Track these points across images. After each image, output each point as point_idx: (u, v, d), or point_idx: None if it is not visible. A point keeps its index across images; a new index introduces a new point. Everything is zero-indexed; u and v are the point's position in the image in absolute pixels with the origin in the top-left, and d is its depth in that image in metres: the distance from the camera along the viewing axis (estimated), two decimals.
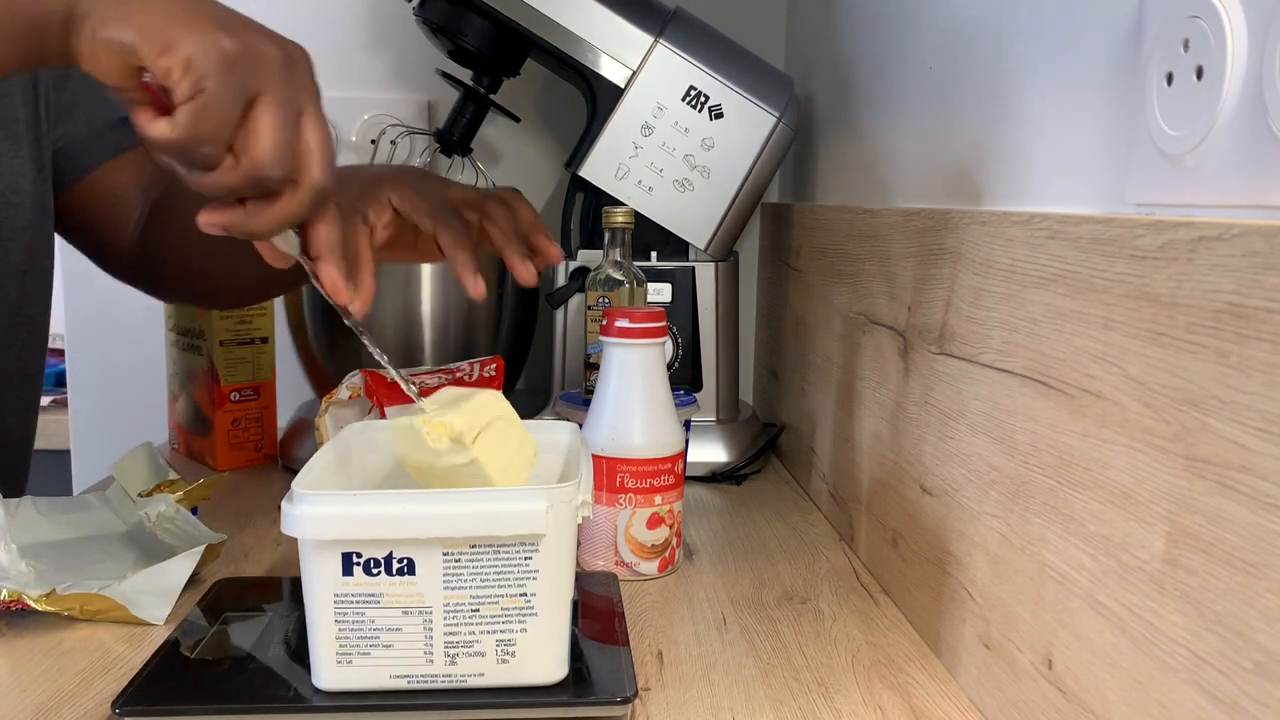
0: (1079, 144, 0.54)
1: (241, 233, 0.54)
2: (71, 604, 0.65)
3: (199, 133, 0.49)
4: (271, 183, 0.52)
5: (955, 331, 0.64)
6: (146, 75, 0.49)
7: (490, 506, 0.54)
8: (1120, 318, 0.45)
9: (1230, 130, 0.41)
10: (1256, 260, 0.36)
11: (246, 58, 0.50)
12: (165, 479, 0.83)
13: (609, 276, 0.92)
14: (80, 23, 0.50)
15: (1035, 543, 0.52)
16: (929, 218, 0.70)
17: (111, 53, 0.49)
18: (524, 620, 0.55)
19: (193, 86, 0.48)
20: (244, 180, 0.52)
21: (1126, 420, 0.44)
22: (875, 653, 0.66)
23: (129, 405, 1.33)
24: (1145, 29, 0.47)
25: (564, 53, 1.03)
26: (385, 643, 0.55)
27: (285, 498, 0.54)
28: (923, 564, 0.68)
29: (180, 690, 0.56)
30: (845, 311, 0.89)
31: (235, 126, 0.50)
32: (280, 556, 0.81)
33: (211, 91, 0.48)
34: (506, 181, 1.30)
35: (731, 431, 1.08)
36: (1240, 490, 0.37)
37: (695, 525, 0.91)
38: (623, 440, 0.76)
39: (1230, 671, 0.37)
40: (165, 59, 0.48)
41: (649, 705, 0.58)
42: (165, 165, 0.52)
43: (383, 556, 0.54)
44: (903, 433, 0.73)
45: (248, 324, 1.05)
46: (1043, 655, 0.51)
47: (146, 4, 0.49)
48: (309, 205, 0.54)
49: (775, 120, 1.04)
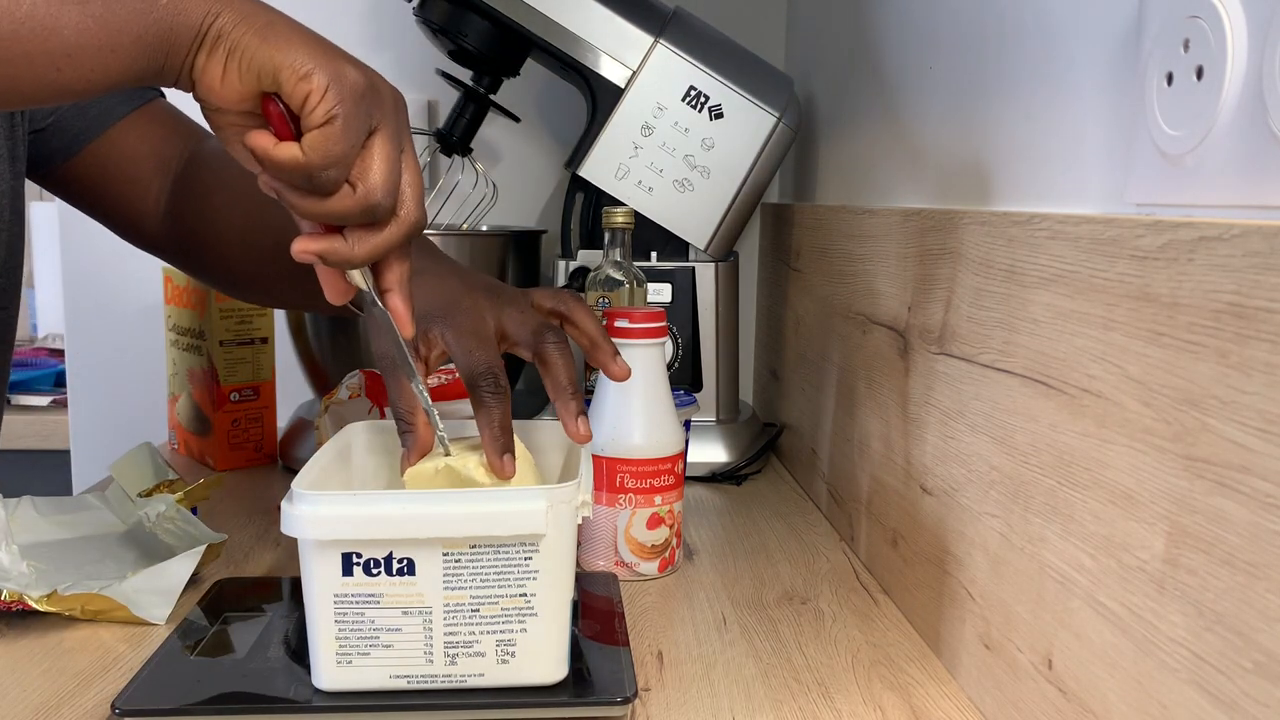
0: (1079, 144, 0.54)
1: (336, 260, 0.56)
2: (72, 604, 0.65)
3: (330, 156, 0.51)
4: (381, 211, 0.55)
5: (955, 331, 0.64)
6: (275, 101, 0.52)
7: (490, 507, 0.54)
8: (1120, 318, 0.45)
9: (1230, 130, 0.41)
10: (1256, 260, 0.36)
11: (371, 92, 0.53)
12: (165, 479, 0.83)
13: (609, 276, 0.92)
14: (215, 42, 0.51)
15: (1035, 543, 0.52)
16: (929, 218, 0.70)
17: (250, 74, 0.51)
18: (524, 620, 0.55)
19: (327, 113, 0.51)
20: (358, 207, 0.54)
21: (1126, 420, 0.44)
22: (875, 653, 0.66)
23: (129, 405, 1.33)
24: (1145, 29, 0.47)
25: (564, 53, 1.03)
26: (385, 643, 0.55)
27: (285, 498, 0.54)
28: (923, 564, 0.68)
29: (180, 690, 0.56)
30: (845, 311, 0.89)
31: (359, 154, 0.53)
32: (280, 556, 0.81)
33: (344, 118, 0.51)
34: (506, 181, 1.30)
35: (731, 431, 1.08)
36: (1240, 490, 0.37)
37: (695, 525, 0.91)
38: (623, 440, 0.76)
39: (1230, 671, 0.37)
40: (304, 84, 0.50)
41: (649, 705, 0.58)
42: (273, 189, 0.54)
43: (383, 557, 0.54)
44: (902, 433, 0.73)
45: (248, 324, 1.05)
46: (1043, 655, 0.51)
47: (291, 32, 0.52)
48: (405, 238, 0.57)
49: (775, 120, 1.04)
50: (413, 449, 0.63)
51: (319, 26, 0.54)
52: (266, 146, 0.52)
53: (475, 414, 0.65)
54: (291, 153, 0.52)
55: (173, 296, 1.09)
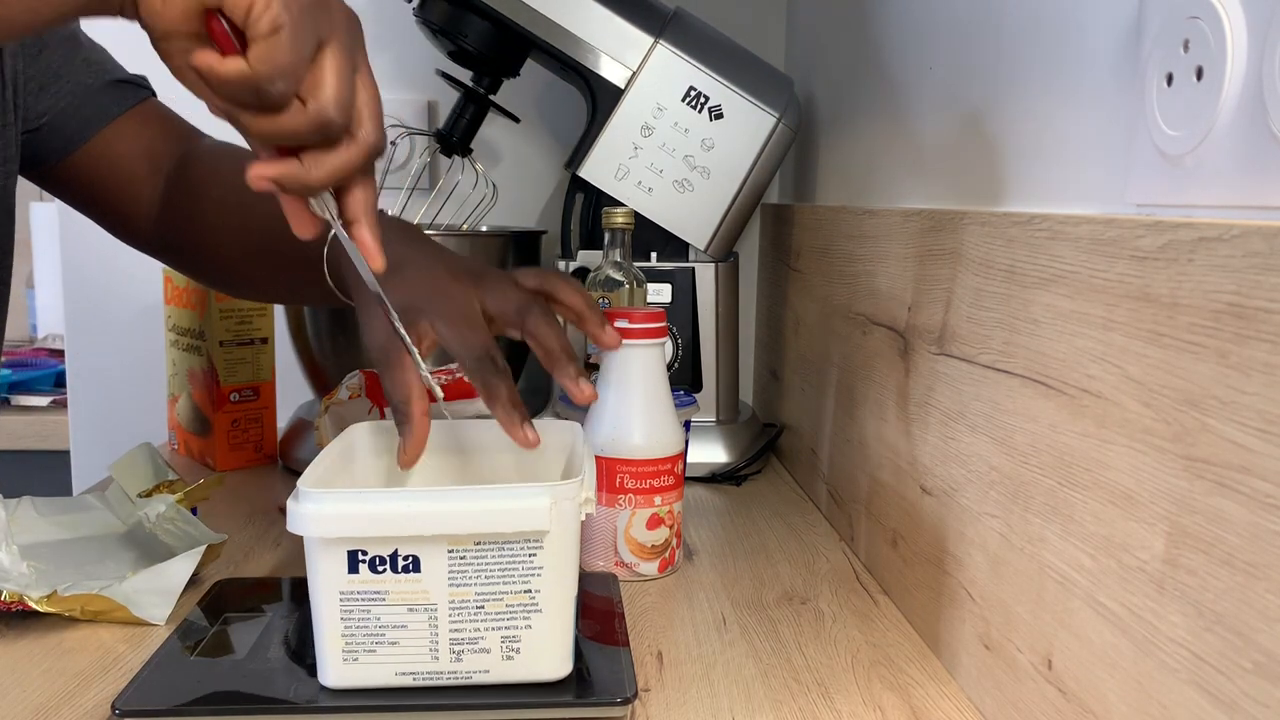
0: (1079, 144, 0.54)
1: (293, 185, 0.55)
2: (73, 605, 0.65)
3: (277, 67, 0.50)
4: (335, 129, 0.53)
5: (955, 332, 0.64)
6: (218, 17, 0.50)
7: (495, 504, 0.54)
8: (1120, 318, 0.45)
9: (1230, 130, 0.41)
10: (1256, 260, 0.36)
11: (319, 4, 0.52)
12: (165, 479, 0.83)
13: (609, 277, 0.92)
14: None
15: (1035, 543, 0.53)
16: (929, 218, 0.70)
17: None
18: (529, 616, 0.55)
19: (272, 22, 0.49)
20: (310, 123, 0.52)
21: (1126, 420, 0.44)
22: (875, 653, 0.66)
23: (129, 405, 1.33)
24: (1145, 29, 0.47)
25: (564, 53, 1.03)
26: (391, 640, 0.55)
27: (291, 496, 0.54)
28: (922, 564, 0.68)
29: (180, 690, 0.56)
30: (845, 311, 0.89)
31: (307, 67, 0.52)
32: (280, 557, 0.81)
33: (290, 27, 0.50)
34: (506, 181, 1.30)
35: (731, 432, 1.08)
36: (1240, 490, 0.37)
37: (695, 525, 0.91)
38: (623, 441, 0.76)
39: (1230, 671, 0.37)
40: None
41: (649, 705, 0.58)
42: (224, 110, 0.53)
43: (388, 554, 0.54)
44: (902, 433, 0.73)
45: (248, 324, 1.05)
46: (1043, 655, 0.51)
47: None
48: (364, 160, 0.55)
49: (775, 120, 1.04)
50: (409, 439, 0.63)
51: None
52: (211, 63, 0.50)
53: (482, 397, 0.65)
54: (237, 66, 0.50)
55: (173, 296, 1.09)
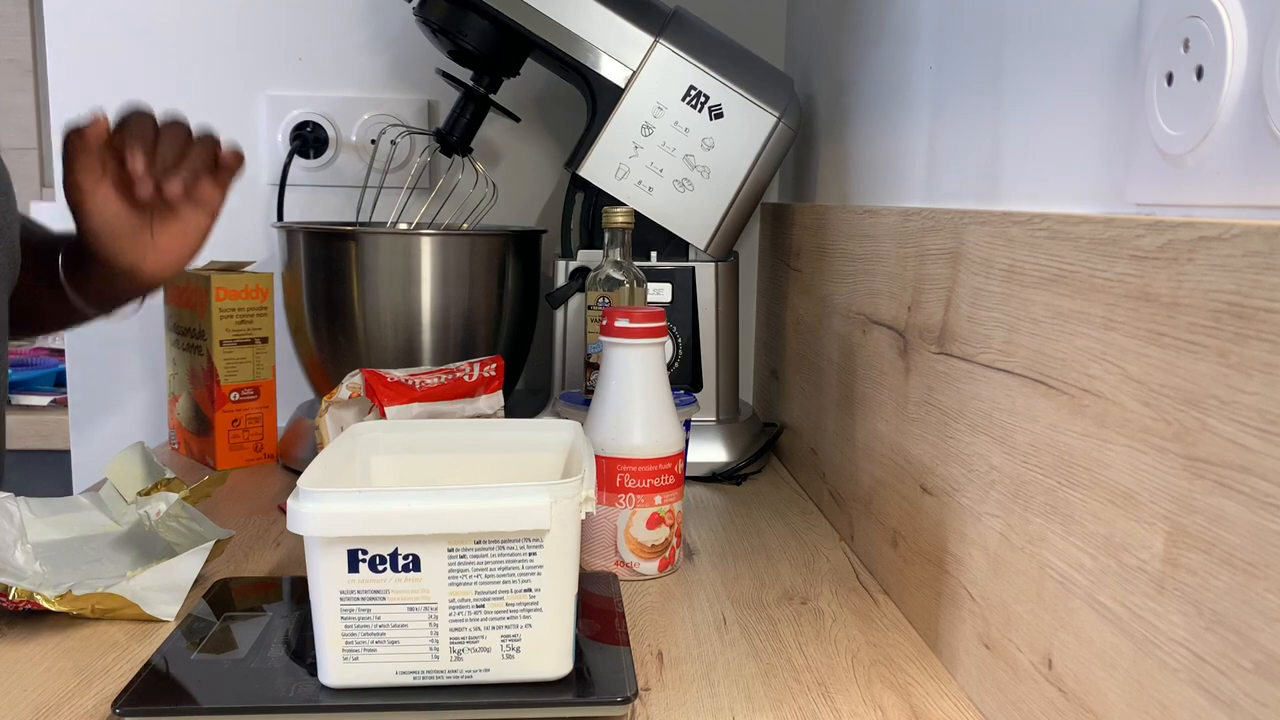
0: (1079, 144, 0.54)
1: None
2: (84, 604, 0.65)
3: None
4: None
5: (955, 331, 0.64)
6: None
7: (495, 502, 0.54)
8: (1120, 318, 0.45)
9: (1230, 130, 0.41)
10: (1256, 260, 0.36)
11: None
12: (161, 478, 0.83)
13: (609, 276, 0.92)
14: None
15: (1035, 543, 0.53)
16: (929, 218, 0.70)
17: None
18: (529, 615, 0.56)
19: None
20: None
21: (1126, 420, 0.44)
22: (875, 653, 0.66)
23: (129, 405, 1.33)
24: (1145, 29, 0.47)
25: (564, 53, 1.03)
26: (391, 639, 0.55)
27: (292, 495, 0.54)
28: (923, 564, 0.68)
29: (181, 690, 0.56)
30: (845, 311, 0.89)
31: None
32: (280, 556, 0.81)
33: None
34: (506, 181, 1.30)
35: (731, 431, 1.08)
36: (1240, 490, 0.37)
37: (695, 525, 0.91)
38: (623, 440, 0.76)
39: (1230, 671, 0.37)
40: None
41: (649, 705, 0.58)
42: None
43: (388, 553, 0.54)
44: (903, 433, 0.73)
45: (248, 324, 1.05)
46: (1043, 655, 0.51)
47: None
48: None
49: (775, 120, 1.04)
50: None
51: (319, 26, 0.55)
52: None
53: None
54: None
55: (173, 296, 1.09)
